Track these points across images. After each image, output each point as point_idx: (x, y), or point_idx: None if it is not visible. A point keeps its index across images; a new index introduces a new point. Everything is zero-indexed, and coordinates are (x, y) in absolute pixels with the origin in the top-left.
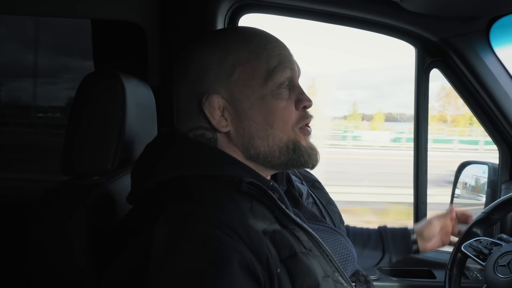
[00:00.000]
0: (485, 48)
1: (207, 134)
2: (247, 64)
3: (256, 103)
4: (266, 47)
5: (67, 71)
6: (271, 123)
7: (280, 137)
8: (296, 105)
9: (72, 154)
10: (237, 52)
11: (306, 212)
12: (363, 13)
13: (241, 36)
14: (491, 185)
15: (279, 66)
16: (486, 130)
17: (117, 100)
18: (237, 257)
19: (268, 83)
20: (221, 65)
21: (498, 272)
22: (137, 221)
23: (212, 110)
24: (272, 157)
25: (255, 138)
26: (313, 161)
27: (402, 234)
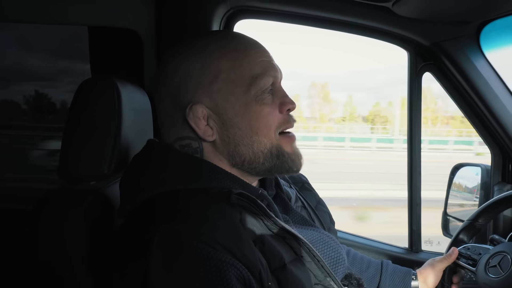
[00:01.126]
0: (475, 51)
1: (193, 144)
2: (229, 72)
3: (241, 110)
4: (248, 53)
5: (68, 74)
6: (255, 130)
7: (264, 143)
8: (280, 108)
9: (69, 159)
10: (218, 60)
11: (295, 216)
12: (355, 18)
13: (220, 43)
14: (484, 186)
15: (263, 72)
16: (479, 133)
17: (113, 105)
18: (233, 272)
19: (251, 90)
20: (202, 74)
21: (490, 273)
22: (130, 241)
23: (197, 120)
24: (257, 163)
25: (240, 145)
26: (297, 166)
27: (403, 275)
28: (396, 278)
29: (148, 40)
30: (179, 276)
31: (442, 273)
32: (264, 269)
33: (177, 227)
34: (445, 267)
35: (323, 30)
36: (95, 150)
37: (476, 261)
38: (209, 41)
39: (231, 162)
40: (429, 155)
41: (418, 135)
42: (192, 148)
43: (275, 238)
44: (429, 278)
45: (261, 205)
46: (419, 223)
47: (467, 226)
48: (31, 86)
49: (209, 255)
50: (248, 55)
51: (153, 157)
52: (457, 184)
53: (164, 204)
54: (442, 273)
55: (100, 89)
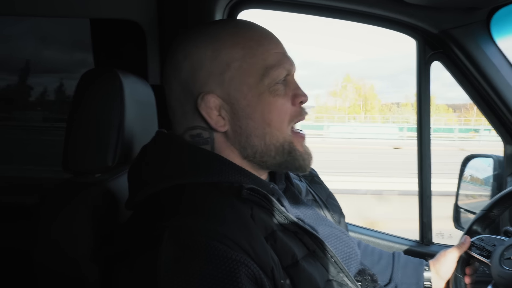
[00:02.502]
0: (486, 39)
1: (203, 134)
2: (242, 61)
3: (253, 101)
4: (262, 43)
5: (84, 65)
6: (268, 121)
7: (277, 136)
8: (293, 101)
9: (72, 151)
10: (230, 48)
11: (306, 210)
12: (362, 6)
13: (233, 31)
14: (497, 178)
15: (277, 64)
16: (490, 123)
17: (116, 96)
18: (244, 271)
19: (264, 80)
20: (214, 63)
21: (505, 265)
22: (138, 235)
23: (209, 110)
24: (268, 156)
25: (252, 136)
26: (307, 166)
27: (416, 266)
28: (409, 269)
29: (150, 32)
30: (188, 273)
31: (455, 263)
32: (276, 266)
33: (187, 222)
34: (458, 257)
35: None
36: (98, 142)
37: (490, 252)
38: (221, 28)
39: (243, 153)
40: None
41: (427, 126)
42: (202, 138)
43: (287, 233)
44: (442, 269)
45: (272, 200)
46: (429, 215)
47: (481, 216)
48: (48, 78)
49: (219, 252)
50: (262, 45)
51: (162, 149)
52: (468, 176)
53: (173, 198)
54: (456, 263)
55: (103, 81)
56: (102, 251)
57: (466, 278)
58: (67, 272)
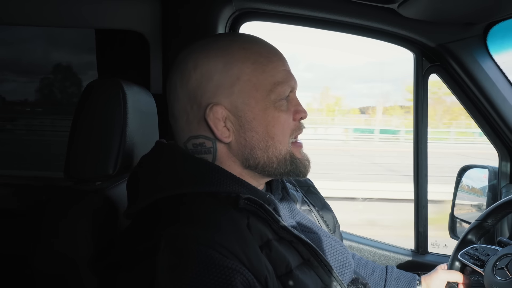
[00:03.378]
0: (482, 53)
1: (206, 143)
2: (251, 75)
3: (259, 114)
4: (271, 60)
5: (92, 68)
6: (272, 135)
7: (279, 149)
8: (294, 116)
9: (74, 159)
10: (241, 63)
11: (302, 220)
12: (361, 20)
13: (244, 46)
14: (492, 188)
15: (284, 81)
16: (486, 135)
17: (118, 106)
18: (239, 279)
19: (271, 96)
20: (224, 75)
21: (497, 275)
22: (135, 245)
23: (216, 121)
24: (270, 167)
25: (256, 149)
26: (307, 171)
27: (408, 281)
28: (401, 283)
29: (154, 43)
30: (184, 281)
31: (445, 283)
32: (270, 275)
33: (184, 231)
34: (449, 280)
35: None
36: (100, 151)
37: (484, 262)
38: (232, 42)
39: (244, 164)
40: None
41: (424, 137)
42: (205, 148)
43: (282, 242)
44: (432, 285)
45: (268, 209)
46: (425, 225)
47: (476, 226)
48: (57, 80)
49: (215, 261)
50: (271, 61)
51: (160, 159)
52: (464, 186)
53: (171, 207)
54: (446, 283)
55: (106, 91)
56: (101, 259)
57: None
58: (66, 280)
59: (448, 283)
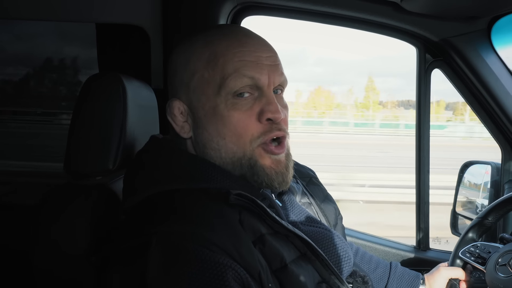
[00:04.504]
0: (486, 47)
1: (176, 141)
2: (204, 70)
3: (209, 112)
4: (226, 52)
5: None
6: (223, 135)
7: (233, 150)
8: (259, 117)
9: (74, 154)
10: (198, 57)
11: (300, 213)
12: (364, 14)
13: (208, 39)
14: (494, 185)
15: (235, 73)
16: (489, 130)
17: (118, 101)
18: (231, 274)
19: (221, 92)
20: (185, 70)
21: (500, 272)
22: (128, 241)
23: (173, 116)
24: (229, 169)
25: (208, 148)
26: (272, 183)
27: (412, 279)
28: (404, 281)
29: (155, 37)
30: (177, 279)
31: (447, 280)
32: (264, 270)
33: (174, 229)
34: (451, 277)
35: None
36: (100, 146)
37: (485, 259)
38: (201, 36)
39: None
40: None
41: (426, 134)
42: (178, 143)
43: (278, 236)
44: (434, 284)
45: (261, 205)
46: (427, 221)
47: (477, 224)
48: (69, 75)
49: (206, 257)
50: (225, 54)
51: (152, 155)
52: (466, 182)
53: (162, 204)
54: (448, 280)
55: (106, 85)
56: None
57: (461, 283)
58: (65, 274)
59: (450, 280)
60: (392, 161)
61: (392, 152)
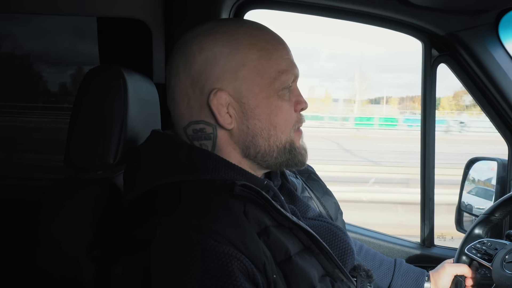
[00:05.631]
0: (494, 42)
1: (207, 129)
2: (257, 62)
3: (263, 102)
4: (277, 48)
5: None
6: (274, 124)
7: (280, 138)
8: (295, 107)
9: (75, 148)
10: (248, 49)
11: (302, 206)
12: (369, 7)
13: (251, 32)
14: (500, 181)
15: (288, 69)
16: (496, 126)
17: (119, 94)
18: (236, 264)
19: (275, 84)
20: (230, 61)
21: (506, 269)
22: (131, 233)
23: (220, 106)
24: (270, 157)
25: (258, 136)
26: (305, 160)
27: (416, 276)
28: (409, 278)
29: (156, 31)
30: (181, 269)
31: (453, 277)
32: (268, 261)
33: (179, 219)
34: (456, 274)
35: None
36: (100, 140)
37: (492, 256)
38: (238, 27)
39: (244, 152)
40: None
41: (432, 129)
42: (205, 133)
43: (282, 229)
44: (440, 282)
45: (266, 196)
46: (432, 217)
47: (483, 220)
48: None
49: (211, 247)
50: (277, 49)
51: (156, 148)
52: (472, 179)
53: (166, 195)
54: (453, 277)
55: (107, 78)
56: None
57: (467, 280)
58: (65, 269)
59: (456, 276)
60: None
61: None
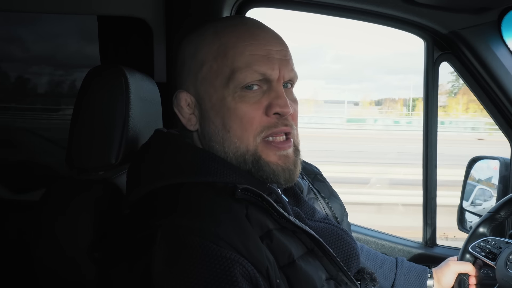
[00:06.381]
0: (496, 40)
1: (183, 134)
2: (213, 62)
3: (217, 104)
4: (237, 45)
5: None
6: (228, 128)
7: (236, 145)
8: (267, 110)
9: (76, 148)
10: (207, 47)
11: (307, 209)
12: (371, 5)
13: (215, 30)
14: (503, 180)
15: (246, 67)
16: (498, 124)
17: (121, 94)
18: (238, 269)
19: (229, 84)
20: (193, 61)
21: (510, 269)
22: (132, 235)
23: (180, 108)
24: (234, 163)
25: (213, 141)
26: (280, 179)
27: (419, 273)
28: (412, 275)
29: (157, 30)
30: (183, 273)
31: (456, 275)
32: (271, 266)
33: (180, 222)
34: (460, 271)
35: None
36: (102, 140)
37: (496, 255)
38: (210, 26)
39: None
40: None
41: (434, 128)
42: (185, 136)
43: (285, 232)
44: (444, 279)
45: (268, 199)
46: (434, 217)
47: (488, 218)
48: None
49: (213, 252)
50: (236, 46)
51: (157, 149)
52: (474, 178)
53: (168, 197)
54: (454, 281)
55: (108, 78)
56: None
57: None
58: (66, 269)
59: (459, 274)
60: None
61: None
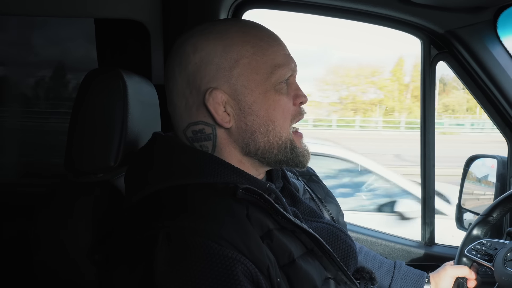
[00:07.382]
0: (492, 39)
1: (206, 130)
2: (251, 58)
3: (259, 97)
4: (271, 44)
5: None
6: (273, 119)
7: (280, 134)
8: (294, 101)
9: (75, 151)
10: (240, 46)
11: (304, 209)
12: (367, 6)
13: (243, 29)
14: (500, 178)
15: (284, 64)
16: (495, 123)
17: (119, 96)
18: (241, 269)
19: (271, 78)
20: (224, 58)
21: (508, 267)
22: (132, 237)
23: (216, 105)
24: (270, 154)
25: (257, 133)
26: (306, 162)
27: (416, 278)
28: (409, 279)
29: (155, 32)
30: (186, 274)
31: (454, 279)
32: (272, 265)
33: (183, 224)
34: (458, 275)
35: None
36: (101, 142)
37: (492, 256)
38: (231, 26)
39: (244, 150)
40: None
41: (431, 127)
42: (205, 134)
43: (285, 232)
44: (441, 283)
45: (268, 199)
46: (432, 216)
47: (481, 221)
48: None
49: (215, 251)
50: (271, 45)
51: (156, 152)
52: (471, 176)
53: (168, 199)
54: (455, 279)
55: (106, 80)
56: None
57: (468, 282)
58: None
59: (457, 279)
60: None
61: None
